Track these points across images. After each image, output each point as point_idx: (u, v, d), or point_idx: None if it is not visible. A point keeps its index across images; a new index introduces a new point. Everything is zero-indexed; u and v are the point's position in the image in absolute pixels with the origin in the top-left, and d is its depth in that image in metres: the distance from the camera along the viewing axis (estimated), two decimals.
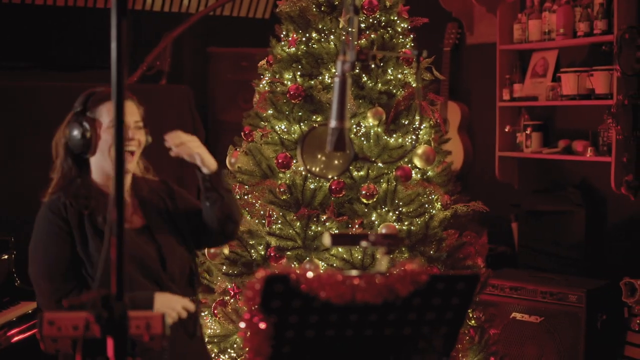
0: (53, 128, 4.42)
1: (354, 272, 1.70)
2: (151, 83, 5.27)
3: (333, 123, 1.88)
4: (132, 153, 2.63)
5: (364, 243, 1.75)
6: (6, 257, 3.76)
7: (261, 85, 3.62)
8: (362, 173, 3.36)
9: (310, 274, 1.64)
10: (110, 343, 1.49)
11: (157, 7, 5.66)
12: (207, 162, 2.70)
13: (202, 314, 3.64)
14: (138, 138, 2.65)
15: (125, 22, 1.47)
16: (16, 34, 5.14)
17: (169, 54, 5.38)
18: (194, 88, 5.30)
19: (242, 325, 1.68)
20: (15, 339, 3.59)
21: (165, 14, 5.71)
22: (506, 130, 5.07)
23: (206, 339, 3.57)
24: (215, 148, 5.43)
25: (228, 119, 5.51)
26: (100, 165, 2.63)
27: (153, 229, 2.65)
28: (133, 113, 2.65)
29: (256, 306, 1.65)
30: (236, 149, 3.66)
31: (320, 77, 3.44)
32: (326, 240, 1.74)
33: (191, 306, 2.60)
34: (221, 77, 5.64)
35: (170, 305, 2.53)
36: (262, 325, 1.66)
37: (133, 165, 2.67)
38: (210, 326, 3.55)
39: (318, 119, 3.39)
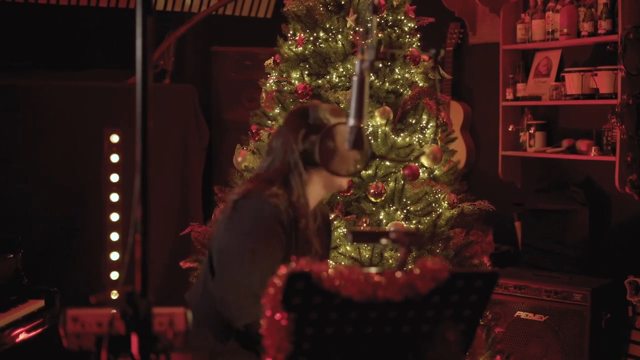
0: (56, 126, 4.46)
1: (374, 269, 1.71)
2: (155, 82, 5.27)
3: (351, 121, 1.88)
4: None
5: (384, 240, 1.75)
6: (12, 255, 3.76)
7: (268, 85, 3.63)
8: (369, 172, 3.37)
9: (331, 271, 1.64)
10: (134, 340, 1.50)
11: (160, 6, 5.67)
12: None
13: None
14: None
15: (151, 18, 1.48)
16: (18, 32, 5.14)
17: (172, 53, 5.38)
18: (197, 87, 5.31)
19: (263, 322, 1.68)
20: (20, 338, 3.58)
21: (168, 13, 5.71)
22: (509, 129, 5.08)
23: None
24: (219, 147, 5.46)
25: (232, 118, 5.51)
26: (324, 180, 2.56)
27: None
28: None
29: (278, 303, 1.65)
30: (243, 148, 3.67)
31: (327, 77, 3.45)
32: (348, 237, 1.75)
33: None
34: (225, 76, 5.64)
35: None
36: (283, 322, 1.67)
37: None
38: None
39: None
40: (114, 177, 4.49)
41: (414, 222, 3.34)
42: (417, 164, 3.43)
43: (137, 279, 1.51)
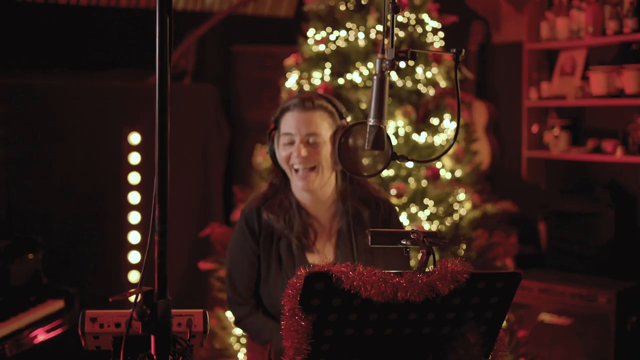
0: (76, 126, 4.47)
1: (394, 270, 1.68)
2: (176, 82, 5.27)
3: (371, 121, 1.86)
4: (300, 170, 2.35)
5: (404, 241, 1.73)
6: (32, 256, 3.76)
7: (288, 84, 3.62)
8: (391, 173, 3.34)
9: (351, 272, 1.62)
10: (153, 341, 1.48)
11: (181, 5, 5.67)
12: None
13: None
14: (303, 155, 2.34)
15: (169, 19, 1.46)
16: (38, 32, 5.16)
17: (193, 53, 5.38)
18: (218, 87, 5.30)
19: (282, 323, 1.66)
20: (39, 339, 3.57)
21: (189, 12, 5.71)
22: (533, 130, 5.03)
23: (231, 339, 3.57)
24: (240, 147, 5.45)
25: (252, 117, 5.50)
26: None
27: None
28: (310, 124, 2.37)
29: (297, 304, 1.63)
30: (263, 148, 3.65)
31: (349, 76, 3.43)
32: (367, 238, 1.72)
33: None
34: (245, 75, 5.63)
35: None
36: (302, 323, 1.65)
37: (310, 184, 2.36)
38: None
39: (347, 118, 3.37)
40: (134, 177, 4.49)
41: (436, 223, 3.31)
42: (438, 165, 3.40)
43: (156, 279, 1.49)
